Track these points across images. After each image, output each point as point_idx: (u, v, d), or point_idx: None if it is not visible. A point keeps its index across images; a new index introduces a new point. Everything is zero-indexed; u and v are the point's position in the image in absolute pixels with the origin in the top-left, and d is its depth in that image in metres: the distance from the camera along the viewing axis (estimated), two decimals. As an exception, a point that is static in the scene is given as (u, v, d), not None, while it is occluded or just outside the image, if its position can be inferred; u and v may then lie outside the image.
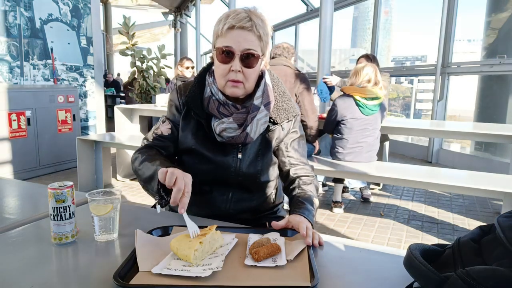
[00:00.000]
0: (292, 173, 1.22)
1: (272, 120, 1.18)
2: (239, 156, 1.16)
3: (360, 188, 3.62)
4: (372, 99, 2.89)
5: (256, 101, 1.11)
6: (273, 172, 1.25)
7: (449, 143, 5.72)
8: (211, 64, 1.18)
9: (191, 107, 1.14)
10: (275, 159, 1.25)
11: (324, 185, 3.87)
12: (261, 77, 1.15)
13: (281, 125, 1.20)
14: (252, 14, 1.06)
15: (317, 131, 3.13)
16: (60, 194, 0.89)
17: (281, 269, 0.78)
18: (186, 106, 1.16)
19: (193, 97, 1.14)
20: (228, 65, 1.06)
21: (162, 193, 1.00)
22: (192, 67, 4.77)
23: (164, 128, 1.20)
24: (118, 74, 12.27)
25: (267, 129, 1.18)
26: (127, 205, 1.21)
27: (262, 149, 1.19)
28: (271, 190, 1.28)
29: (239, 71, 1.05)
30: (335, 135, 3.04)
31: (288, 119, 1.20)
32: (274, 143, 1.21)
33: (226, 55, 1.05)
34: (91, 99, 5.12)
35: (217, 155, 1.16)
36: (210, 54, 1.18)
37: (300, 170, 1.23)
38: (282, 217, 1.31)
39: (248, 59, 1.06)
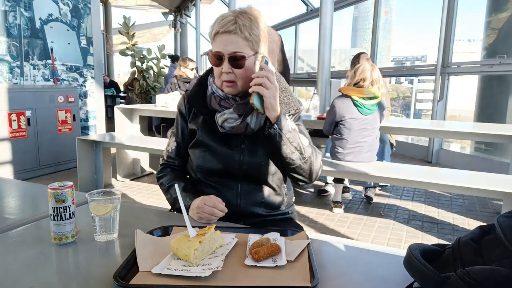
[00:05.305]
0: None
1: None
2: (242, 146, 1.21)
3: (366, 187, 3.60)
4: (370, 98, 2.88)
5: None
6: (275, 159, 1.23)
7: (449, 143, 5.72)
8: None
9: (192, 105, 1.26)
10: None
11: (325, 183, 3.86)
12: None
13: None
14: (239, 16, 1.11)
15: None
16: (60, 194, 0.89)
17: (281, 269, 0.78)
18: (191, 107, 1.27)
19: (194, 96, 1.26)
20: (220, 68, 1.15)
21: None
22: (196, 68, 4.75)
23: (172, 144, 1.33)
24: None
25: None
26: (127, 205, 1.21)
27: (264, 139, 1.17)
28: (277, 179, 1.26)
29: (229, 72, 1.13)
30: (334, 135, 3.04)
31: (289, 112, 1.24)
32: None
33: (217, 59, 1.14)
34: (91, 99, 5.12)
35: (222, 146, 1.21)
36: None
37: None
38: (293, 220, 1.32)
39: (236, 60, 1.12)
